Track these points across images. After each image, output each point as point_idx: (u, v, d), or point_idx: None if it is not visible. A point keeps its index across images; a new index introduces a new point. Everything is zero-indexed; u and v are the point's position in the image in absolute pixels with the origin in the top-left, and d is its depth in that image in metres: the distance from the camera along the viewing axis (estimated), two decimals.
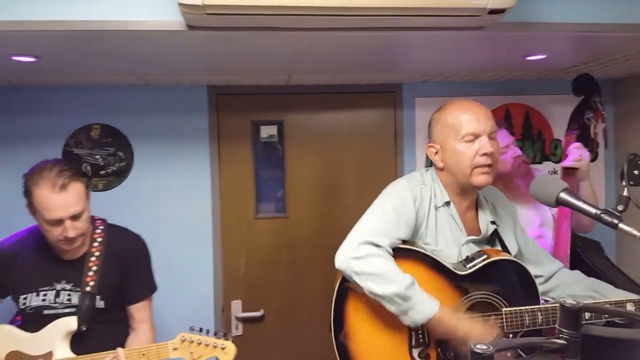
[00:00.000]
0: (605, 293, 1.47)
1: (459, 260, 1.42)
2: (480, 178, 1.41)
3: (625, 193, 1.09)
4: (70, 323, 1.54)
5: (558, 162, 2.59)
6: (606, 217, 1.08)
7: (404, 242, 1.40)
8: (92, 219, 1.66)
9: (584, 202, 1.14)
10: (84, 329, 1.54)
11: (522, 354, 0.69)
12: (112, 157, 2.29)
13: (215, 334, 1.48)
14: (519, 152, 1.98)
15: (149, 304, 1.70)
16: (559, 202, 1.18)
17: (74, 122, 2.25)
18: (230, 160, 2.36)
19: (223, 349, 1.45)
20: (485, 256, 1.40)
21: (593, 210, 1.12)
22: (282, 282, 2.40)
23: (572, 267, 1.75)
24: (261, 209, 2.41)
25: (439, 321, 1.27)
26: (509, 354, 1.21)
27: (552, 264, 1.59)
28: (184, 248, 2.30)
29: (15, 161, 2.19)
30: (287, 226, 2.41)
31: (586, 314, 1.28)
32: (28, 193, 1.49)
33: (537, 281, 1.46)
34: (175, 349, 1.48)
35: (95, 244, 1.61)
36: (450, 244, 1.43)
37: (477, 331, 1.28)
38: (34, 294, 1.57)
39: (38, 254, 1.59)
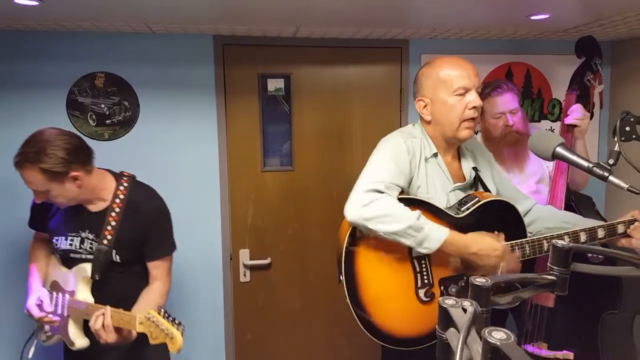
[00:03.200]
0: (577, 223, 1.65)
1: (448, 205, 1.55)
2: (465, 132, 1.54)
3: (616, 148, 1.16)
4: (86, 270, 1.65)
5: (555, 120, 2.66)
6: (597, 170, 1.17)
7: (402, 192, 1.51)
8: (120, 174, 1.75)
9: (578, 156, 1.23)
10: (97, 278, 1.64)
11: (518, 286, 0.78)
12: (117, 106, 2.32)
13: (173, 321, 1.51)
14: (511, 122, 2.01)
15: (165, 263, 1.74)
16: (555, 156, 1.26)
17: (78, 70, 2.24)
18: (237, 112, 2.40)
19: (172, 338, 1.48)
20: (477, 199, 1.53)
21: (586, 164, 1.20)
22: (288, 232, 2.50)
23: None
24: (268, 162, 2.47)
25: (452, 243, 1.39)
26: None
27: (528, 201, 1.75)
28: (192, 199, 2.37)
29: (19, 107, 2.21)
30: (293, 178, 2.48)
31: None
32: None
33: None
34: (141, 323, 1.52)
35: (117, 200, 1.67)
36: (439, 191, 1.56)
37: (485, 243, 1.42)
38: (63, 237, 1.69)
39: None
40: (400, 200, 1.45)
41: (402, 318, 1.48)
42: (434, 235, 1.39)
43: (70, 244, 1.68)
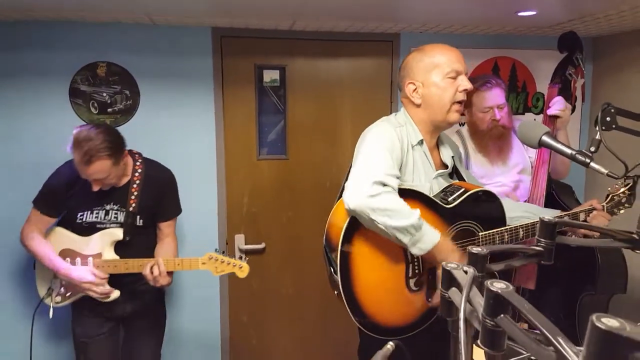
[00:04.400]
0: (537, 212, 1.74)
1: (431, 192, 1.60)
2: (454, 115, 1.59)
3: (597, 137, 1.27)
4: (117, 233, 1.94)
5: (539, 113, 2.79)
6: (580, 157, 1.28)
7: None
8: (131, 153, 2.02)
9: (562, 144, 1.33)
10: (127, 239, 1.95)
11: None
12: (118, 95, 2.36)
13: (234, 257, 1.94)
14: (498, 116, 2.07)
15: (174, 222, 2.11)
16: (541, 144, 1.37)
17: (80, 60, 2.29)
18: (233, 102, 2.46)
19: (240, 268, 1.94)
20: (463, 189, 1.59)
21: (569, 151, 1.31)
22: (282, 218, 2.58)
23: (546, 207, 1.99)
24: (263, 151, 2.55)
25: (440, 248, 1.43)
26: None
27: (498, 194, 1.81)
28: (190, 185, 2.41)
29: (23, 96, 2.25)
30: (287, 167, 2.56)
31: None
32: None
33: None
34: (203, 263, 1.91)
35: (136, 174, 1.98)
36: (423, 178, 1.61)
37: (463, 258, 1.49)
38: (89, 212, 1.94)
39: None
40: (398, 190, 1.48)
41: (391, 307, 1.52)
42: (427, 237, 1.42)
43: (96, 217, 1.94)
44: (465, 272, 0.75)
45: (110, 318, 2.05)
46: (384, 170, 1.46)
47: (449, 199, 1.58)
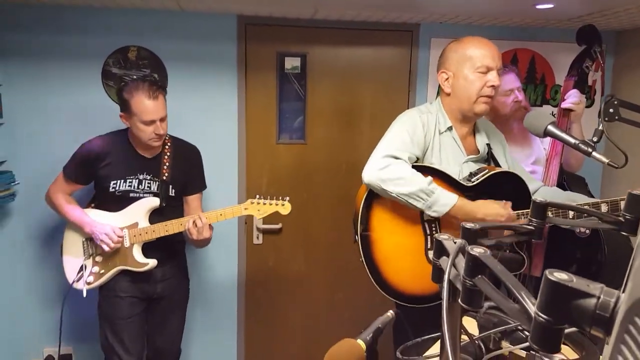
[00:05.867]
0: (580, 201, 1.77)
1: (460, 176, 1.68)
2: (481, 106, 1.66)
3: (600, 127, 1.32)
4: (155, 201, 2.04)
5: (557, 106, 2.80)
6: (582, 146, 1.33)
7: (417, 161, 1.64)
8: None
9: (567, 133, 1.39)
10: (164, 205, 2.05)
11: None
12: (148, 77, 2.48)
13: (276, 198, 2.03)
14: (520, 98, 2.14)
15: (201, 197, 2.24)
16: (547, 133, 1.42)
17: (112, 43, 2.41)
18: (255, 87, 2.56)
19: (283, 205, 2.03)
20: (486, 170, 1.66)
21: (572, 140, 1.36)
22: (299, 200, 2.65)
23: None
24: (282, 135, 2.64)
25: (460, 208, 1.52)
26: None
27: (535, 183, 1.88)
28: (212, 167, 2.51)
29: (58, 76, 2.39)
30: (305, 151, 2.65)
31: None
32: (125, 102, 1.94)
33: None
34: (246, 208, 2.02)
35: (166, 147, 2.11)
36: (452, 163, 1.69)
37: (492, 209, 1.56)
38: (122, 180, 2.03)
39: (126, 151, 2.06)
40: (415, 167, 1.58)
41: (412, 277, 1.62)
42: (442, 200, 1.51)
43: (130, 185, 2.03)
44: (454, 243, 0.83)
45: (143, 298, 2.11)
46: (397, 146, 1.57)
47: (472, 180, 1.66)
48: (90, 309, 2.18)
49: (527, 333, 1.00)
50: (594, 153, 1.33)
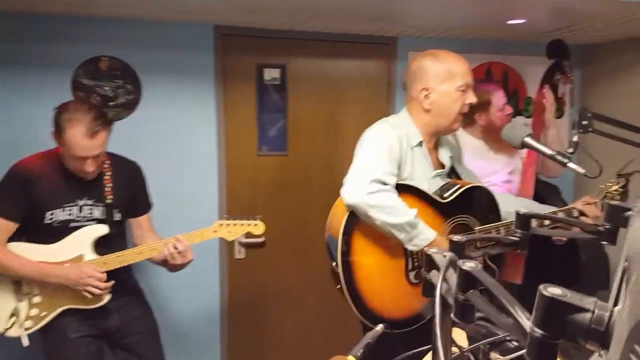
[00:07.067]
0: (532, 208, 1.81)
1: (430, 193, 1.65)
2: (458, 124, 1.67)
3: (575, 139, 1.36)
4: (103, 228, 1.80)
5: (529, 117, 2.88)
6: (558, 157, 1.37)
7: None
8: None
9: (543, 144, 1.42)
10: (112, 232, 1.81)
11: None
12: (120, 89, 2.42)
13: (246, 218, 1.89)
14: (510, 111, 2.22)
15: (149, 216, 2.02)
16: (523, 145, 1.46)
17: (82, 53, 2.33)
18: (234, 99, 2.54)
19: (255, 225, 1.88)
20: (458, 185, 1.66)
21: (549, 152, 1.40)
22: (282, 212, 2.65)
23: None
24: (263, 147, 2.62)
25: (436, 244, 1.47)
26: None
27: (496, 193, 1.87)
28: (191, 180, 2.50)
29: (26, 87, 2.29)
30: (287, 163, 2.64)
31: None
32: (60, 128, 1.69)
33: None
34: (215, 231, 1.85)
35: (105, 166, 1.85)
36: (422, 178, 1.66)
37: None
38: (59, 209, 1.76)
39: (61, 174, 1.78)
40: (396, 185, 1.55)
41: (392, 300, 1.57)
42: (423, 235, 1.48)
43: (70, 214, 1.77)
44: (444, 256, 0.83)
45: (98, 335, 1.85)
46: (382, 168, 1.51)
47: (445, 195, 1.65)
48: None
49: (515, 343, 1.02)
50: (569, 164, 1.37)
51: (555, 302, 0.51)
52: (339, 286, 1.56)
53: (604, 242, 0.96)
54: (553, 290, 0.52)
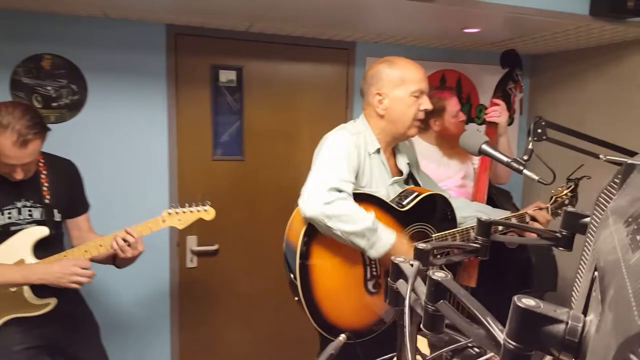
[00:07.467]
0: (489, 212, 1.88)
1: (388, 198, 1.66)
2: (414, 130, 1.67)
3: (530, 146, 1.40)
4: (44, 230, 1.71)
5: (482, 123, 2.97)
6: (514, 164, 1.40)
7: None
8: None
9: (500, 152, 1.45)
10: (54, 233, 1.74)
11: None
12: (64, 89, 2.28)
13: (195, 205, 1.84)
14: (464, 117, 2.32)
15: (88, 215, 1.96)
16: (481, 152, 1.48)
17: (23, 50, 2.18)
18: (188, 101, 2.45)
19: (206, 210, 1.85)
20: (416, 193, 1.67)
21: (505, 159, 1.43)
22: (237, 219, 2.58)
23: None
24: (218, 152, 2.54)
25: (397, 249, 1.47)
26: None
27: (444, 194, 1.91)
28: (140, 185, 2.39)
29: None
30: (243, 168, 2.57)
31: None
32: None
33: None
34: (164, 220, 1.79)
35: (40, 164, 1.77)
36: (380, 185, 1.66)
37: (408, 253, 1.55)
38: None
39: None
40: (353, 194, 1.52)
41: (351, 310, 1.55)
42: (384, 240, 1.46)
43: (10, 217, 1.69)
44: (412, 265, 0.82)
45: (44, 345, 1.76)
46: (339, 176, 1.49)
47: (404, 203, 1.64)
48: None
49: (477, 350, 1.02)
50: (524, 171, 1.40)
51: (529, 313, 0.50)
52: (297, 298, 1.53)
53: (561, 249, 0.98)
54: (527, 302, 0.51)
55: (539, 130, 1.43)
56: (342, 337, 1.02)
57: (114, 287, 2.40)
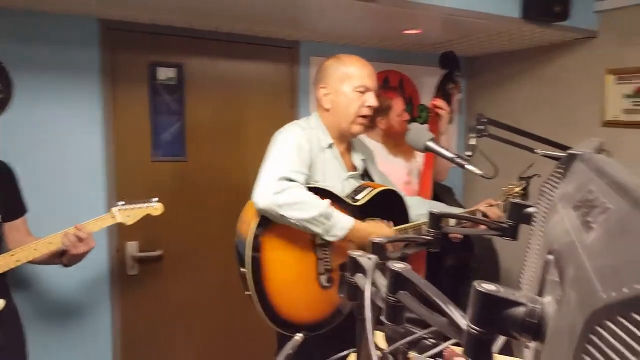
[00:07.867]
0: (443, 209, 1.88)
1: (343, 194, 1.67)
2: (358, 127, 1.69)
3: (472, 143, 1.45)
4: None
5: (424, 123, 3.06)
6: (458, 160, 1.45)
7: None
8: None
9: (444, 148, 1.50)
10: None
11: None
12: None
13: (142, 202, 1.84)
14: (408, 117, 2.38)
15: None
16: (427, 149, 1.52)
17: None
18: (124, 100, 2.32)
19: (154, 207, 1.84)
20: (370, 188, 1.70)
21: (450, 155, 1.47)
22: (182, 223, 2.47)
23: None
24: (159, 153, 2.42)
25: (356, 230, 1.48)
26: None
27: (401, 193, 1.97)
28: (73, 190, 2.23)
29: None
30: (186, 170, 2.47)
31: None
32: None
33: None
34: (113, 217, 1.76)
35: None
36: (335, 180, 1.68)
37: (382, 230, 1.56)
38: None
39: None
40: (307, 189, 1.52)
41: (304, 305, 1.55)
42: (340, 224, 1.48)
43: None
44: (369, 259, 0.81)
45: None
46: (289, 167, 1.49)
47: (357, 197, 1.67)
48: None
49: (433, 341, 1.03)
50: (467, 166, 1.45)
51: (490, 297, 0.50)
52: (249, 293, 1.51)
53: (507, 238, 1.02)
54: (487, 287, 0.51)
55: (481, 127, 1.49)
56: (300, 336, 1.00)
57: (48, 297, 2.22)
